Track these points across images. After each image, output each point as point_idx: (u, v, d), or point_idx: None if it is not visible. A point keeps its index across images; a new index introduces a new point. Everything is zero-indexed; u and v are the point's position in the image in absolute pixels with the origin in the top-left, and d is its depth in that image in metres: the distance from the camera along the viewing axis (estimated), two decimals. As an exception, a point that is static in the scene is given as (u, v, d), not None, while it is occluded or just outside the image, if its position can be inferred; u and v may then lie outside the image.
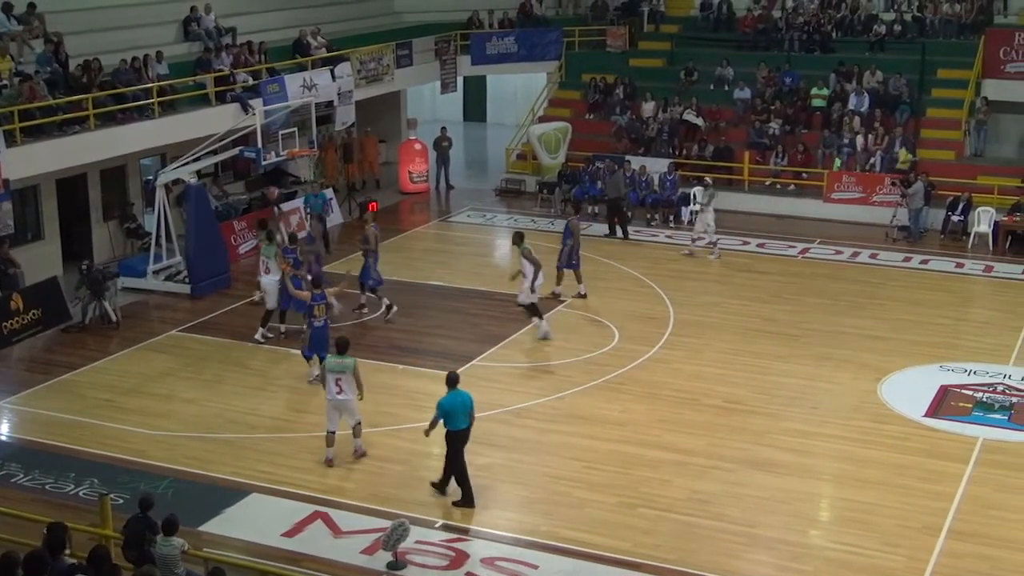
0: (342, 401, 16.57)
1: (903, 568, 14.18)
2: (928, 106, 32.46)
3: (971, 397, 19.26)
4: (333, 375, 16.48)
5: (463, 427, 15.78)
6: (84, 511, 14.72)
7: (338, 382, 16.47)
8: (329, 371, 16.56)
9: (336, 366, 16.52)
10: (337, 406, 16.63)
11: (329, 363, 16.72)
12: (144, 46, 27.15)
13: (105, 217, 27.15)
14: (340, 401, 16.57)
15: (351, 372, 16.47)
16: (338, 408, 16.65)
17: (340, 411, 16.71)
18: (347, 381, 16.49)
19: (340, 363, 16.52)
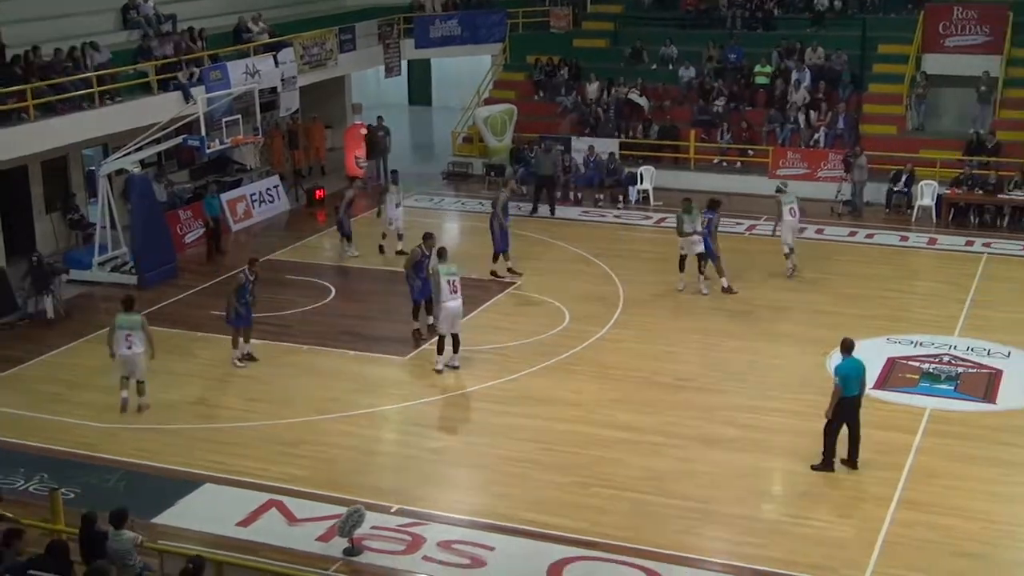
0: (131, 356, 17.81)
1: (854, 538, 14.36)
2: (870, 81, 32.75)
3: (918, 368, 19.50)
4: (123, 331, 17.72)
5: (855, 394, 15.75)
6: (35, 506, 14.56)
7: (128, 337, 17.72)
8: (119, 328, 17.75)
9: (126, 322, 17.75)
10: (128, 362, 17.88)
11: (120, 320, 17.81)
12: (82, 34, 26.78)
13: (48, 209, 26.80)
14: (129, 356, 17.82)
15: (140, 328, 17.74)
16: (126, 364, 17.92)
17: (130, 366, 17.93)
18: (137, 337, 17.73)
19: (129, 320, 17.79)
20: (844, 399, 15.74)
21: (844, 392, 15.69)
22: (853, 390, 15.80)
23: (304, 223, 29.32)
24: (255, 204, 29.63)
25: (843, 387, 15.67)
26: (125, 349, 17.80)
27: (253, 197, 29.70)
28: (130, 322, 17.87)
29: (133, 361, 17.92)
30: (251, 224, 29.17)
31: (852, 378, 15.78)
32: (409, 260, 21.01)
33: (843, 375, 15.71)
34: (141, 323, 17.91)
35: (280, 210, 30.29)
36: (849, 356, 15.91)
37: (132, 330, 17.82)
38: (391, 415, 18.37)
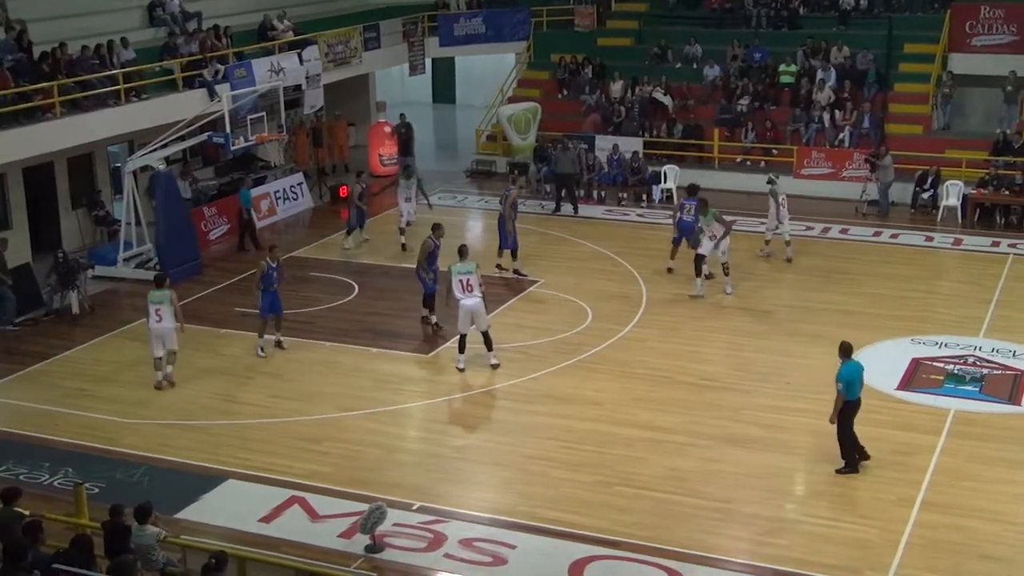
0: (161, 328, 18.80)
1: (878, 540, 14.29)
2: (896, 81, 32.59)
3: (942, 369, 19.39)
4: (154, 306, 18.79)
5: (858, 396, 15.71)
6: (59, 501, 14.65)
7: (158, 311, 18.73)
8: (151, 303, 18.86)
9: (156, 297, 18.81)
10: (158, 334, 18.84)
11: (150, 296, 18.95)
12: (109, 32, 26.90)
13: (73, 205, 26.96)
14: (159, 328, 18.83)
15: (168, 303, 18.72)
16: (159, 336, 18.87)
17: (161, 339, 18.89)
18: (166, 311, 18.74)
19: (159, 294, 18.83)
20: (848, 403, 15.67)
21: (848, 396, 15.63)
22: (857, 393, 15.74)
23: (328, 220, 29.38)
24: (279, 201, 29.72)
25: (847, 392, 15.60)
26: (155, 322, 18.90)
27: (277, 194, 29.79)
28: (159, 296, 18.89)
29: (161, 332, 18.93)
30: (275, 221, 29.26)
31: (855, 382, 15.70)
32: (422, 252, 21.20)
33: (847, 380, 15.60)
34: (169, 297, 18.86)
35: (304, 207, 30.38)
36: (849, 360, 15.80)
37: (161, 304, 18.82)
38: (413, 412, 18.40)
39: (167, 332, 18.95)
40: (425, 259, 21.06)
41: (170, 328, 18.92)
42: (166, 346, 19.06)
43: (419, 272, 21.23)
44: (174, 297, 19.00)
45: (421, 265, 21.15)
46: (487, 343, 19.53)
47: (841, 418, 15.76)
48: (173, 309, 18.86)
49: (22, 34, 24.87)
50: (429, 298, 21.32)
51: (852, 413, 15.80)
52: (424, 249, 21.19)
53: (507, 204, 24.29)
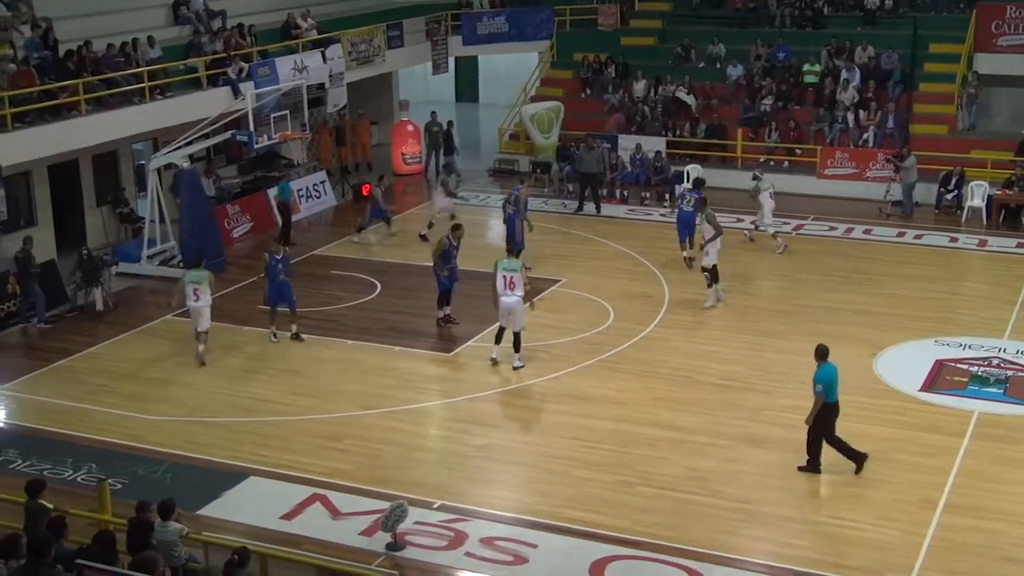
0: (199, 307, 19.80)
1: (900, 542, 14.23)
2: (920, 80, 32.43)
3: (966, 371, 19.30)
4: (191, 285, 19.73)
5: (837, 399, 15.70)
6: (83, 497, 14.73)
7: (196, 291, 19.69)
8: (188, 282, 19.86)
9: (194, 277, 19.77)
10: (195, 312, 19.88)
11: (188, 276, 20.04)
12: (134, 30, 27.03)
13: (98, 202, 27.10)
14: (197, 307, 19.82)
15: (207, 283, 19.78)
16: (196, 314, 19.89)
17: (198, 317, 19.89)
18: (203, 290, 19.71)
19: (197, 275, 19.85)
20: (828, 406, 15.63)
21: (828, 399, 15.58)
22: (835, 396, 15.67)
23: (350, 219, 29.39)
24: (302, 199, 29.78)
25: (827, 394, 15.55)
26: (193, 301, 19.86)
27: (300, 192, 29.85)
28: (198, 277, 19.87)
29: (199, 311, 19.87)
30: (298, 219, 29.28)
31: (834, 384, 15.64)
32: (437, 249, 21.38)
33: (827, 383, 15.55)
34: (208, 278, 19.93)
35: (327, 205, 30.44)
36: (825, 362, 15.74)
37: (199, 284, 19.78)
38: (435, 411, 18.43)
39: (202, 311, 19.87)
40: (440, 257, 21.18)
41: (205, 307, 19.83)
42: (200, 327, 19.95)
43: (435, 269, 21.37)
44: (212, 279, 20.07)
45: (436, 263, 21.28)
46: (515, 344, 19.56)
47: (823, 422, 15.69)
48: (209, 289, 19.83)
49: (48, 32, 25.02)
50: (443, 296, 21.39)
51: (834, 416, 15.74)
52: (439, 247, 21.39)
53: (521, 204, 24.47)
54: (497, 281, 19.37)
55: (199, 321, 19.98)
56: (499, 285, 19.35)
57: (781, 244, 25.70)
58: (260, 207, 28.39)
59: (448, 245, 21.34)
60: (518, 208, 24.48)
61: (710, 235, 22.14)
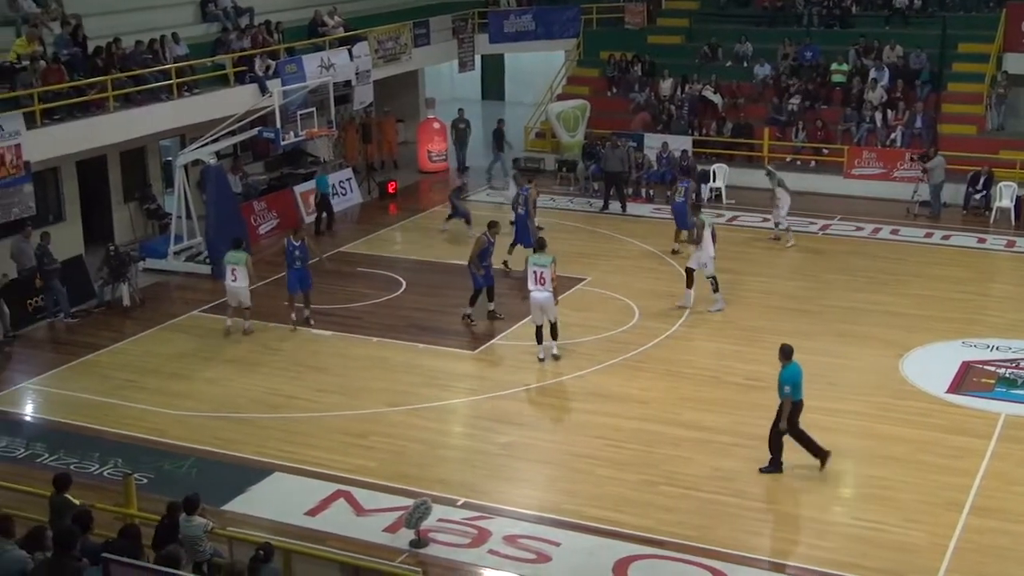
0: (235, 287, 20.85)
1: (925, 544, 14.16)
2: (949, 80, 32.23)
3: (993, 373, 19.18)
4: (229, 265, 20.86)
5: (801, 398, 15.72)
6: (108, 491, 14.81)
7: (233, 271, 20.78)
8: (227, 263, 21.01)
9: (232, 258, 20.90)
10: (232, 292, 20.95)
11: (227, 256, 21.13)
12: (162, 27, 27.16)
13: (125, 198, 27.23)
14: (233, 287, 20.87)
15: (243, 264, 20.73)
16: (232, 293, 20.97)
17: (234, 296, 20.96)
18: (240, 271, 20.70)
19: (235, 256, 20.90)
20: (796, 404, 15.62)
21: (795, 397, 15.56)
22: (801, 394, 15.65)
23: (376, 216, 29.50)
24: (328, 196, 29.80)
25: (794, 394, 15.52)
26: (230, 281, 20.93)
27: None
28: (236, 258, 20.90)
29: (235, 291, 20.96)
30: (324, 216, 29.38)
31: (800, 383, 15.61)
32: (476, 248, 21.37)
33: (793, 383, 15.52)
34: (245, 260, 20.86)
35: (353, 203, 30.50)
36: (790, 362, 15.71)
37: (236, 264, 20.80)
38: (460, 408, 18.45)
39: (240, 291, 20.90)
40: (478, 255, 21.19)
41: (243, 287, 20.83)
42: (241, 303, 21.03)
43: (471, 267, 21.37)
44: (248, 260, 20.88)
45: (473, 261, 21.30)
46: (553, 333, 19.68)
47: (787, 419, 15.69)
48: (246, 270, 20.74)
49: (77, 29, 25.17)
50: (477, 295, 21.41)
51: (797, 414, 15.73)
52: (478, 245, 21.37)
53: (531, 204, 24.69)
54: (528, 277, 19.35)
55: (234, 299, 21.05)
56: (530, 281, 19.35)
57: (791, 239, 25.87)
58: (286, 204, 28.47)
59: (487, 243, 21.40)
60: (528, 208, 24.52)
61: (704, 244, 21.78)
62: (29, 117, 22.20)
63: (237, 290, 20.93)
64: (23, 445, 17.03)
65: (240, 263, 20.81)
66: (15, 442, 17.14)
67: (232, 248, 21.31)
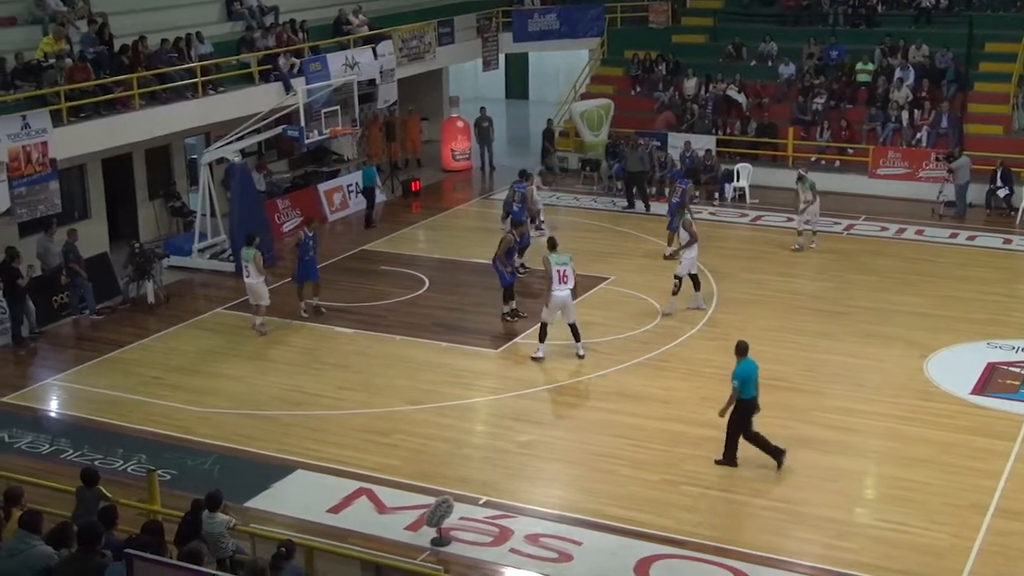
0: (247, 283, 21.15)
1: (949, 546, 14.09)
2: (975, 80, 32.04)
3: (1019, 374, 19.06)
4: (244, 262, 21.17)
5: (755, 395, 15.84)
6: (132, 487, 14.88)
7: (246, 267, 21.06)
8: (242, 260, 21.32)
9: (244, 255, 21.11)
10: (247, 288, 21.27)
11: (241, 252, 21.37)
12: (187, 26, 27.28)
13: (150, 196, 27.36)
14: (247, 283, 21.20)
15: (251, 260, 20.90)
16: (248, 289, 21.28)
17: (250, 292, 21.25)
18: (251, 268, 20.90)
19: (247, 252, 21.05)
20: (743, 401, 15.64)
21: (743, 394, 15.60)
22: (752, 392, 15.69)
23: (400, 214, 29.54)
24: (351, 195, 29.91)
25: (741, 390, 15.57)
26: (245, 277, 21.28)
27: (350, 188, 29.99)
28: (247, 254, 21.12)
29: (249, 287, 21.21)
30: (347, 214, 29.47)
31: (751, 380, 15.68)
32: (503, 246, 21.47)
33: (742, 378, 15.60)
34: (253, 256, 20.94)
35: (377, 201, 30.48)
36: (744, 358, 15.78)
37: (247, 261, 21.05)
38: (482, 407, 18.45)
39: (252, 286, 21.12)
40: (504, 253, 21.34)
41: (253, 283, 21.01)
42: (256, 300, 21.20)
43: (496, 263, 21.42)
44: (256, 256, 20.97)
45: (500, 258, 21.39)
46: (575, 334, 19.68)
47: (739, 417, 15.73)
48: (254, 266, 20.90)
49: (103, 27, 25.30)
50: (508, 291, 21.48)
51: (750, 412, 15.80)
52: (505, 244, 21.59)
53: (528, 201, 25.02)
54: (553, 276, 19.38)
55: (251, 296, 21.29)
56: (554, 279, 19.36)
57: (799, 243, 25.56)
58: (310, 202, 28.55)
59: (514, 242, 21.76)
60: (524, 205, 24.70)
61: (685, 241, 21.67)
62: (55, 115, 22.32)
63: (249, 286, 21.22)
64: (48, 441, 17.13)
65: (249, 259, 21.02)
66: (40, 438, 17.25)
67: (245, 244, 21.51)
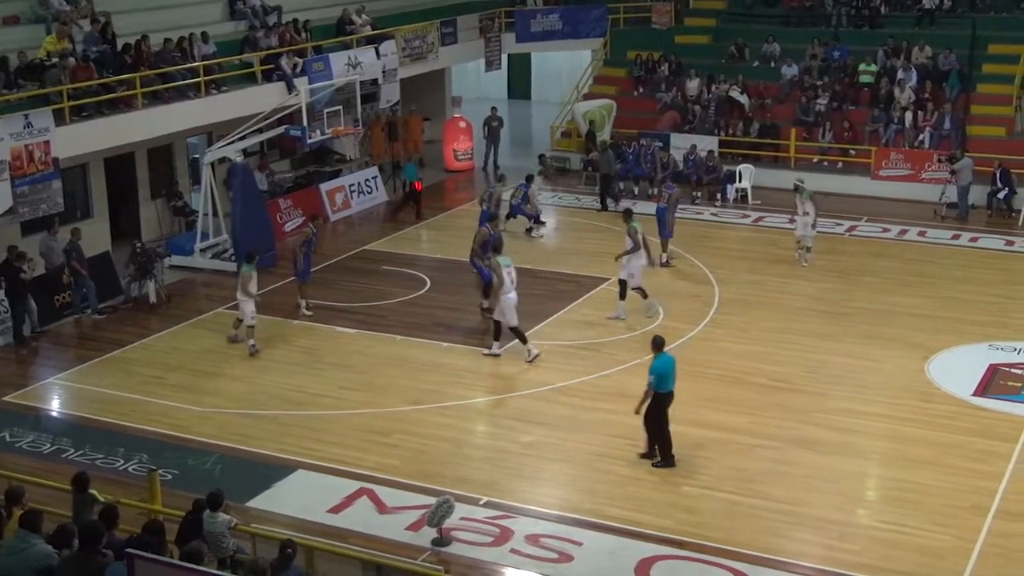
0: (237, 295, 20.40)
1: (951, 548, 14.08)
2: (979, 81, 32.02)
3: (1020, 376, 19.05)
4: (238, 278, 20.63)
5: (671, 389, 15.95)
6: (133, 487, 14.89)
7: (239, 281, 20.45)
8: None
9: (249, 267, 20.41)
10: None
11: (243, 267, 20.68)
12: (190, 25, 27.28)
13: (152, 195, 27.37)
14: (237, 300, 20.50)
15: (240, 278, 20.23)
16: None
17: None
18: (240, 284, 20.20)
19: (243, 268, 20.44)
20: (660, 395, 15.78)
21: (661, 389, 15.74)
22: (668, 386, 15.83)
23: (401, 214, 29.52)
24: (353, 195, 29.93)
25: (658, 385, 15.73)
26: None
27: (352, 188, 30.02)
28: (242, 269, 20.49)
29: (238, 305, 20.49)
30: (349, 214, 29.48)
31: (667, 375, 15.82)
32: (477, 240, 21.64)
33: (658, 373, 15.76)
34: (242, 274, 20.31)
35: (378, 201, 30.56)
36: (661, 353, 15.93)
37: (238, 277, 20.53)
38: (483, 408, 18.46)
39: (238, 301, 20.39)
40: (480, 247, 21.36)
41: (239, 299, 20.30)
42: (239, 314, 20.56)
43: (473, 259, 21.47)
44: (245, 276, 20.17)
45: (476, 253, 21.48)
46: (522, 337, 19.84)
47: (657, 412, 15.87)
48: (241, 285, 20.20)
49: (106, 27, 25.30)
50: (487, 287, 21.52)
51: (666, 405, 15.92)
52: (480, 238, 21.64)
53: (493, 202, 25.21)
54: (504, 277, 19.40)
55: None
56: (506, 281, 19.41)
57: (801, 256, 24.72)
58: (312, 201, 28.55)
59: (489, 236, 21.57)
60: (490, 205, 24.94)
61: (629, 247, 21.32)
62: (58, 114, 22.31)
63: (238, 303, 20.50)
64: (49, 440, 17.14)
65: (239, 276, 20.46)
66: (41, 437, 17.25)
67: (245, 260, 20.83)
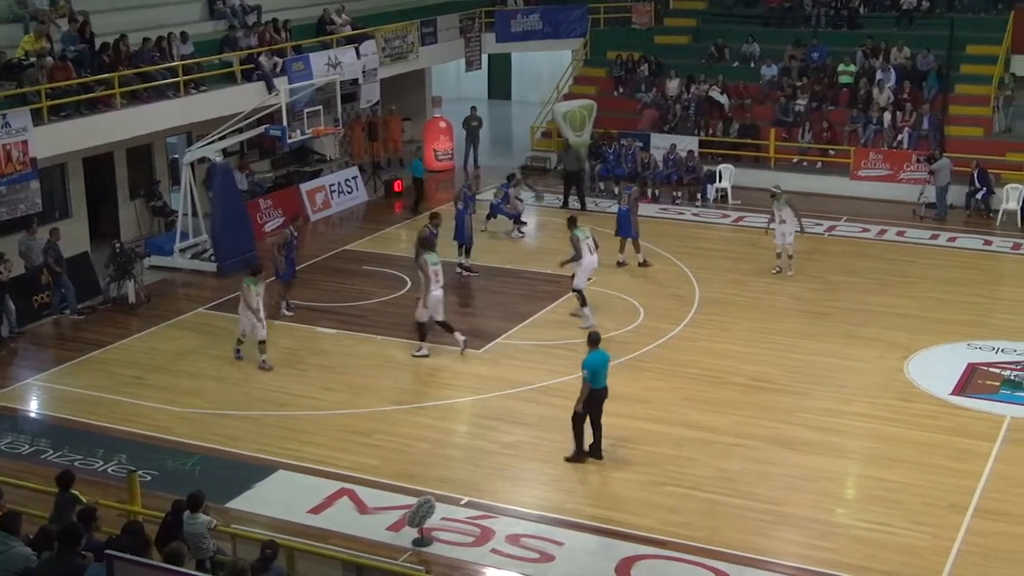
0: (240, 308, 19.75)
1: (929, 546, 14.14)
2: (957, 82, 32.16)
3: (998, 375, 19.15)
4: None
5: (604, 386, 16.05)
6: (113, 488, 14.82)
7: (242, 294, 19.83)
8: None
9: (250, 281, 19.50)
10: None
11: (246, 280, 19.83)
12: (169, 24, 27.19)
13: (132, 195, 27.26)
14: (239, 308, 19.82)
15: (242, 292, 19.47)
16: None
17: None
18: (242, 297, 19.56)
19: (253, 280, 19.52)
20: (594, 391, 15.91)
21: (593, 385, 15.86)
22: (602, 382, 15.97)
23: (382, 214, 29.50)
24: (334, 195, 29.87)
25: (592, 381, 15.84)
26: None
27: (332, 188, 29.96)
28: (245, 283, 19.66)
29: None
30: (330, 214, 29.43)
31: (600, 371, 15.94)
32: (419, 239, 21.50)
33: (592, 369, 15.88)
34: (243, 287, 19.53)
35: (359, 201, 30.51)
36: (596, 349, 16.07)
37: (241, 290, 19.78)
38: (464, 408, 18.44)
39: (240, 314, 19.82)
40: (421, 245, 21.28)
41: (240, 313, 19.77)
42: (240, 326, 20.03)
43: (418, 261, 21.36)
44: (246, 289, 19.42)
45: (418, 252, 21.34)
46: (448, 328, 20.05)
47: (592, 406, 16.03)
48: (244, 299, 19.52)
49: (85, 26, 25.17)
50: None
51: (598, 402, 16.04)
52: (421, 235, 21.55)
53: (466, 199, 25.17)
54: (430, 276, 19.67)
55: None
56: (432, 279, 19.70)
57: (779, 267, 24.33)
58: (292, 201, 28.48)
59: (428, 233, 21.45)
60: (468, 206, 24.90)
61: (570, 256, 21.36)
62: (36, 114, 22.18)
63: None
64: (28, 441, 17.06)
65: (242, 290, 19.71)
66: (20, 438, 17.17)
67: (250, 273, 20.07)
